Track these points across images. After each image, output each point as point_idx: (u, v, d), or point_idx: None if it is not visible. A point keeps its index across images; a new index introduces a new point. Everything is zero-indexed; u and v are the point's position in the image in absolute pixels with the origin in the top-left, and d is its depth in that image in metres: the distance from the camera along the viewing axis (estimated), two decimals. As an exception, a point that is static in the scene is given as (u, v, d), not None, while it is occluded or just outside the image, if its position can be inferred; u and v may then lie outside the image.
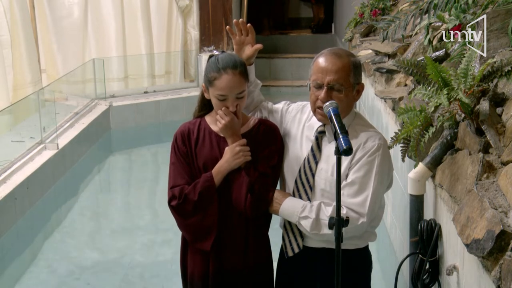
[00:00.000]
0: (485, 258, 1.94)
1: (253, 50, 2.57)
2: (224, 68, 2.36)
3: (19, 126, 6.81)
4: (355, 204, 2.31)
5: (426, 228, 2.73)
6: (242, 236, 2.49)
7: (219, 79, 2.35)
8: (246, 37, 2.59)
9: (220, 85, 2.36)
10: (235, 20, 2.62)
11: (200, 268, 2.51)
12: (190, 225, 2.46)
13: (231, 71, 2.35)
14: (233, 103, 2.38)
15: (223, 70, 2.35)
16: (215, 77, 2.36)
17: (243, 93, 2.40)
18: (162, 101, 8.62)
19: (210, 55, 2.47)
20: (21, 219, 5.11)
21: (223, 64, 2.37)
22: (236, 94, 2.37)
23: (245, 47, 2.59)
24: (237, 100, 2.38)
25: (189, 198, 2.42)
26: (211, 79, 2.38)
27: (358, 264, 2.48)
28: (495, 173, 2.27)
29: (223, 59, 2.39)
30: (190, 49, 9.49)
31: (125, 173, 7.19)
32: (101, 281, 4.29)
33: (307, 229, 2.35)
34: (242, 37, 2.58)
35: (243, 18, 10.28)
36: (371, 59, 5.20)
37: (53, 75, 8.51)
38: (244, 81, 2.40)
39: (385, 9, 6.71)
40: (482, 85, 2.52)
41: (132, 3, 8.87)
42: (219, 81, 2.36)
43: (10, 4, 7.39)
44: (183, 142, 2.50)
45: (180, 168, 2.48)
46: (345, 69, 2.32)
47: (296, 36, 12.95)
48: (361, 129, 2.40)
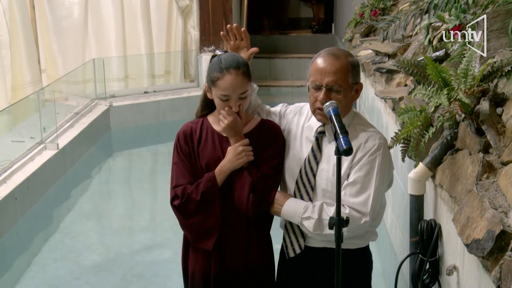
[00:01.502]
0: (485, 258, 1.94)
1: (249, 54, 2.57)
2: (227, 68, 2.35)
3: (19, 126, 6.81)
4: (357, 203, 2.31)
5: (426, 228, 2.73)
6: (244, 237, 2.49)
7: (222, 79, 2.35)
8: (241, 41, 2.58)
9: (223, 86, 2.35)
10: (228, 25, 2.60)
11: (201, 267, 2.51)
12: (193, 225, 2.46)
13: (234, 71, 2.35)
14: (236, 103, 2.37)
15: (226, 70, 2.35)
16: (218, 77, 2.36)
17: (246, 93, 2.40)
18: (162, 101, 8.62)
19: (213, 55, 2.45)
20: (21, 219, 5.11)
21: (226, 64, 2.36)
22: (239, 94, 2.37)
23: (241, 52, 2.58)
24: (240, 100, 2.38)
25: (191, 197, 2.42)
26: (214, 79, 2.37)
27: (359, 264, 2.48)
28: (495, 173, 2.27)
29: (226, 59, 2.38)
30: (190, 49, 9.48)
31: (125, 173, 7.19)
32: (101, 280, 4.29)
33: (310, 229, 2.35)
34: (237, 42, 2.58)
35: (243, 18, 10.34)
36: (371, 59, 5.20)
37: (53, 75, 8.50)
38: (247, 81, 2.39)
39: (385, 9, 6.71)
40: (482, 85, 2.52)
41: (132, 3, 8.86)
42: (222, 81, 2.35)
43: (10, 4, 7.38)
44: (185, 142, 2.50)
45: (182, 168, 2.48)
46: (343, 70, 2.32)
47: (296, 36, 12.95)
48: (361, 128, 2.40)
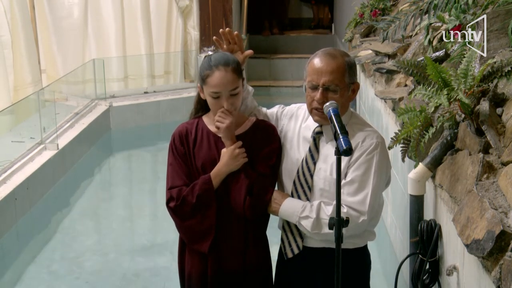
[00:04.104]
0: (485, 258, 1.94)
1: (243, 56, 2.57)
2: (216, 65, 2.37)
3: (19, 126, 6.80)
4: (355, 202, 2.31)
5: (426, 228, 2.73)
6: (240, 237, 2.48)
7: (211, 76, 2.37)
8: (234, 45, 2.58)
9: (212, 82, 2.37)
10: (221, 30, 2.60)
11: (198, 268, 2.50)
12: (188, 227, 2.46)
13: (223, 67, 2.36)
14: (227, 100, 2.37)
15: (214, 67, 2.37)
16: (208, 74, 2.38)
17: (237, 90, 2.39)
18: (162, 101, 8.61)
19: (205, 56, 2.48)
20: (21, 219, 5.10)
21: (214, 62, 2.38)
22: (229, 91, 2.37)
23: (235, 55, 2.56)
24: (231, 97, 2.38)
25: (187, 200, 2.42)
26: (204, 77, 2.39)
27: (357, 264, 2.48)
28: (495, 173, 2.27)
29: (215, 57, 2.41)
30: (190, 49, 9.48)
31: (125, 174, 7.19)
32: (101, 280, 4.29)
33: (308, 229, 2.35)
34: (230, 46, 2.57)
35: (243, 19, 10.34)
36: (371, 60, 5.20)
37: (53, 75, 8.50)
38: (237, 78, 2.39)
39: (385, 9, 6.71)
40: (482, 85, 2.52)
41: (132, 4, 8.86)
42: (211, 78, 2.37)
43: (10, 4, 7.38)
44: (181, 143, 2.50)
45: (178, 169, 2.48)
46: (340, 70, 2.33)
47: (296, 36, 12.94)
48: (358, 128, 2.41)
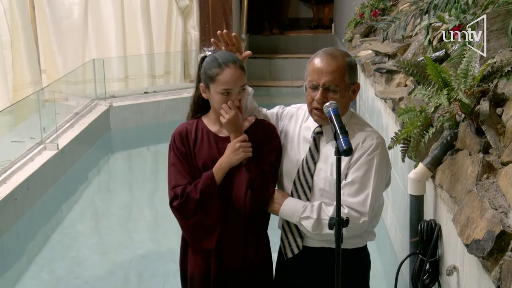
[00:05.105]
0: (485, 258, 1.94)
1: (242, 58, 2.57)
2: (226, 63, 2.39)
3: (19, 126, 6.80)
4: (356, 203, 2.31)
5: (426, 228, 2.73)
6: (241, 235, 2.49)
7: (222, 73, 2.38)
8: (232, 46, 2.58)
9: (224, 79, 2.38)
10: (219, 31, 2.61)
11: (201, 268, 2.51)
12: (193, 225, 2.46)
13: (232, 65, 2.39)
14: (236, 97, 2.41)
15: (224, 64, 2.39)
16: (217, 72, 2.39)
17: (245, 86, 2.45)
18: (162, 101, 8.60)
19: (203, 57, 2.50)
20: (21, 219, 5.10)
21: (223, 60, 2.40)
22: (239, 88, 2.41)
23: None
24: (239, 94, 2.42)
25: (190, 196, 2.42)
26: (213, 75, 2.40)
27: (356, 264, 2.48)
28: (495, 173, 2.27)
29: (221, 55, 2.43)
30: (190, 50, 9.48)
31: (125, 174, 7.18)
32: (101, 280, 4.29)
33: (309, 229, 2.35)
34: (229, 47, 2.58)
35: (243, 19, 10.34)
36: (371, 60, 5.19)
37: (53, 75, 8.49)
38: (244, 75, 2.44)
39: (385, 9, 6.71)
40: (482, 85, 2.52)
41: (132, 4, 8.86)
42: (222, 76, 2.38)
43: (10, 4, 7.37)
44: (181, 143, 2.51)
45: (181, 168, 2.48)
46: (340, 70, 2.33)
47: (296, 36, 12.93)
48: (358, 128, 2.41)
